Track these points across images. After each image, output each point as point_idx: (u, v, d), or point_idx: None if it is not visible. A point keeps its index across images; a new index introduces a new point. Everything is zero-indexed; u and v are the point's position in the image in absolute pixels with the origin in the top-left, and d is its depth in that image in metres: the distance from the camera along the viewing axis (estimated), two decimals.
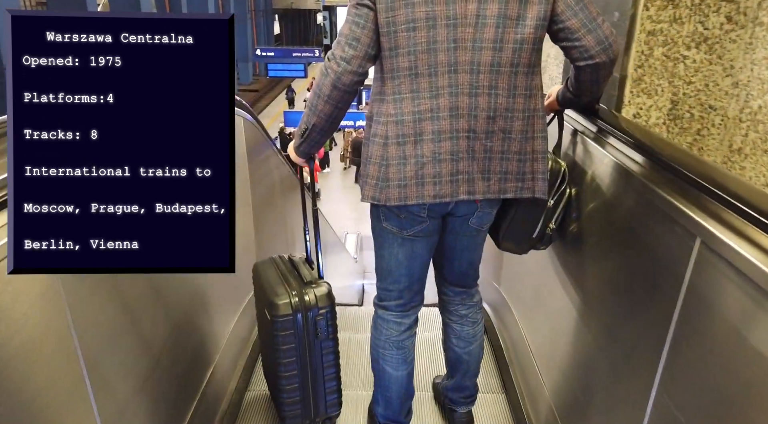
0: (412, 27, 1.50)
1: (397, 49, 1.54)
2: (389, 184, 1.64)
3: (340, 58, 1.54)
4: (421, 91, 1.57)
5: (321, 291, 2.00)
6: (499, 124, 1.60)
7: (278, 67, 19.91)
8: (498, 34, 1.52)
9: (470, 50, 1.53)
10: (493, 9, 1.49)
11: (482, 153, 1.62)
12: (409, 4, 1.48)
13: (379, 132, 1.64)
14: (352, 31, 1.53)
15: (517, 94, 1.61)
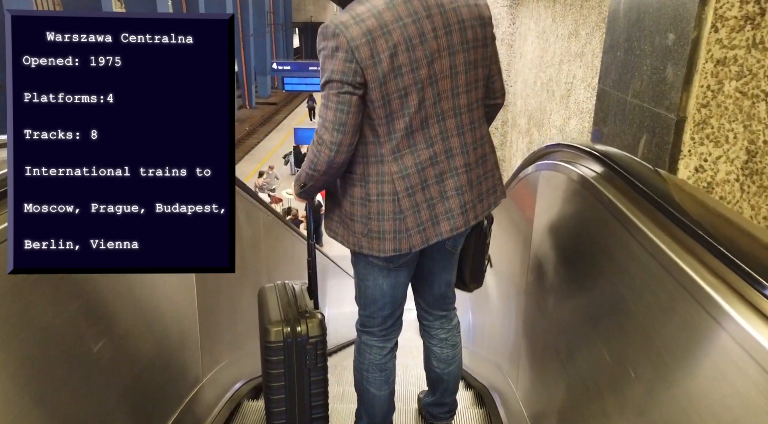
0: (404, 93, 1.66)
1: (392, 114, 1.68)
2: (410, 233, 1.79)
3: (331, 142, 1.66)
4: (417, 144, 1.74)
5: (313, 322, 2.09)
6: (479, 152, 1.85)
7: (294, 81, 20.00)
8: (467, 78, 1.76)
9: (451, 98, 1.74)
10: (461, 58, 1.72)
11: (476, 181, 1.86)
12: (398, 75, 1.63)
13: (386, 190, 1.77)
14: (338, 117, 1.64)
15: (482, 122, 1.88)
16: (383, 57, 1.60)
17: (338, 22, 1.60)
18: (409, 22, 1.62)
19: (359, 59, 1.58)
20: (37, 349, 1.27)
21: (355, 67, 1.59)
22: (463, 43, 1.71)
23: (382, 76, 1.61)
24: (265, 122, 26.54)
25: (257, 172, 15.71)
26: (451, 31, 1.68)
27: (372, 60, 1.59)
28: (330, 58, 1.60)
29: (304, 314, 2.12)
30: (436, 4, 1.67)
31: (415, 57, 1.63)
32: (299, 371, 2.10)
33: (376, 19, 1.60)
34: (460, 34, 1.69)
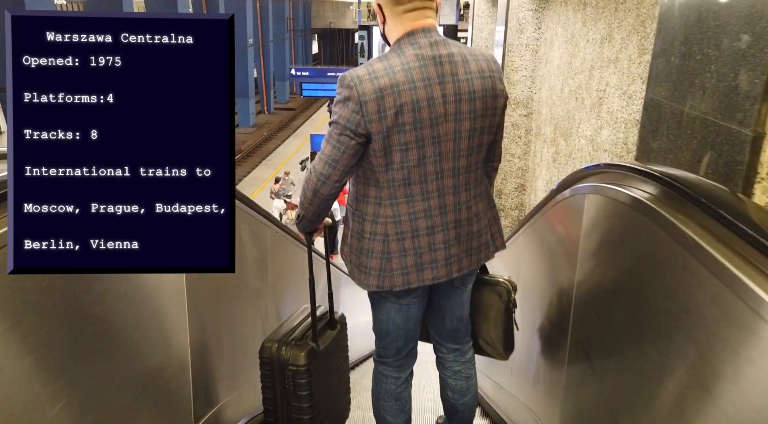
0: (404, 148, 1.78)
1: (392, 165, 1.81)
2: (393, 274, 1.92)
3: (321, 173, 1.80)
4: (414, 196, 1.86)
5: (299, 352, 2.17)
6: (473, 210, 1.95)
7: (313, 86, 20.07)
8: (470, 143, 1.85)
9: (451, 159, 1.84)
10: (466, 125, 1.81)
11: (466, 237, 1.95)
12: (402, 131, 1.75)
13: (378, 231, 1.90)
14: (333, 153, 1.77)
15: (478, 183, 1.97)
16: (389, 113, 1.72)
17: (355, 75, 1.73)
18: (420, 85, 1.73)
19: (365, 113, 1.71)
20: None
21: (360, 119, 1.72)
22: (471, 112, 1.81)
23: (385, 130, 1.73)
24: (283, 128, 26.68)
25: (273, 179, 15.75)
26: (460, 100, 1.78)
27: (378, 114, 1.72)
28: (341, 104, 1.75)
29: (297, 341, 2.22)
30: (450, 72, 1.77)
31: (420, 117, 1.74)
32: (281, 391, 2.21)
33: (389, 78, 1.72)
34: (469, 103, 1.79)
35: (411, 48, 1.76)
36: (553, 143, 4.96)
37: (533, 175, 6.00)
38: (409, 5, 1.77)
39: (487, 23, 9.39)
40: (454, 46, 1.81)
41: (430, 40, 1.78)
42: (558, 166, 4.67)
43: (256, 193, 16.86)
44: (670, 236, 1.19)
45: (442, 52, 1.77)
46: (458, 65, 1.78)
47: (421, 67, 1.74)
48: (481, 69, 1.82)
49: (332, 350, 2.37)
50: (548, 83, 5.35)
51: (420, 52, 1.75)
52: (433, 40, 1.78)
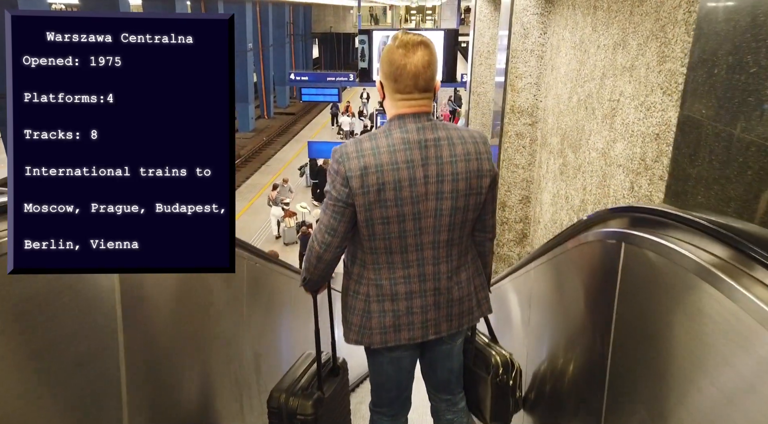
0: (386, 221, 1.90)
1: (375, 235, 1.94)
2: (372, 332, 2.05)
3: (322, 242, 1.95)
4: (395, 263, 1.99)
5: (305, 401, 2.27)
6: (454, 280, 2.05)
7: (312, 91, 20.10)
8: (452, 220, 1.96)
9: (432, 234, 1.96)
10: (448, 204, 1.92)
11: (446, 304, 2.06)
12: (384, 206, 1.87)
13: (361, 291, 2.05)
14: (330, 223, 1.92)
15: (462, 254, 2.06)
16: (372, 189, 1.86)
17: (344, 151, 1.88)
18: (403, 167, 1.86)
19: (351, 187, 1.86)
20: None
21: (347, 192, 1.87)
22: (453, 192, 1.92)
23: (367, 204, 1.87)
24: (283, 132, 26.71)
25: (271, 185, 15.72)
26: (442, 181, 1.90)
27: (361, 190, 1.86)
28: (332, 177, 1.90)
29: (303, 390, 2.31)
30: (435, 155, 1.89)
31: (401, 195, 1.88)
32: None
33: (374, 158, 1.85)
34: (451, 183, 1.91)
35: (399, 131, 1.89)
36: (561, 155, 4.83)
37: (539, 187, 5.84)
38: (406, 95, 1.89)
39: (489, 28, 9.30)
40: (444, 129, 1.92)
41: (418, 125, 1.89)
42: (566, 179, 4.52)
43: (254, 200, 16.85)
44: None
45: (428, 137, 1.89)
46: (443, 148, 1.90)
47: (406, 150, 1.87)
48: (467, 152, 1.92)
49: (336, 395, 2.47)
50: (554, 91, 5.19)
51: (407, 136, 1.88)
52: (421, 125, 1.89)
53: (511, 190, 6.40)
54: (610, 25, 3.56)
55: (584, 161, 4.02)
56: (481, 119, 9.71)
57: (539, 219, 5.66)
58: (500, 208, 6.38)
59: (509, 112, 6.04)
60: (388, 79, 1.90)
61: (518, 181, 6.35)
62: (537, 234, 5.79)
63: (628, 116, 3.05)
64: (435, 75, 1.92)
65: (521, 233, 6.42)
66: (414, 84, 1.87)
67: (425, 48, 1.87)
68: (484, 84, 9.45)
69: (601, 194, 3.50)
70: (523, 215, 6.45)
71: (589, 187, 3.83)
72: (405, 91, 1.88)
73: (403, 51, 1.85)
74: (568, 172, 4.46)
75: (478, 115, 9.86)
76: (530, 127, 6.09)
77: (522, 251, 6.37)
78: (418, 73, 1.86)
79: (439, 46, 13.64)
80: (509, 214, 6.48)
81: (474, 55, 9.65)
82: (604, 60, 3.66)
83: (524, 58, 5.92)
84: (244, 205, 16.26)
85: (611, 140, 3.42)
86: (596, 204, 3.59)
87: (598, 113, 3.71)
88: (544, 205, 5.50)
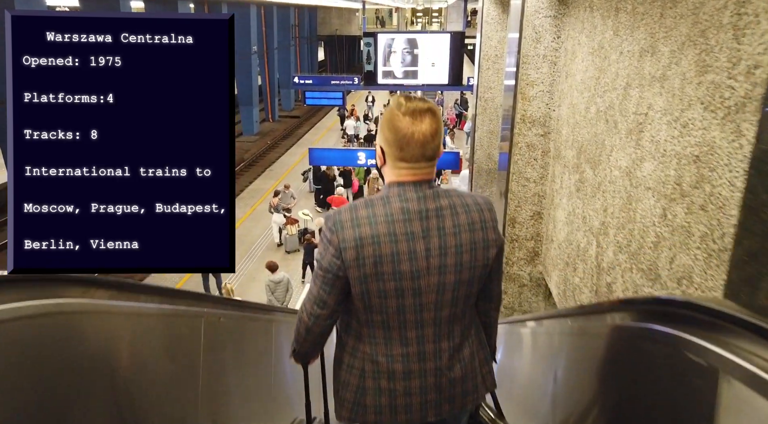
0: (383, 295, 1.79)
1: (371, 309, 1.82)
2: (366, 410, 1.93)
3: (310, 314, 1.83)
4: (393, 339, 1.87)
5: None
6: (456, 358, 1.94)
7: (316, 95, 20.12)
8: (455, 295, 1.85)
9: (433, 310, 1.85)
10: (451, 278, 1.82)
11: (447, 384, 1.95)
12: (381, 279, 1.76)
13: (356, 365, 1.92)
14: (320, 294, 1.80)
15: (465, 328, 1.96)
16: (368, 262, 1.74)
17: (338, 219, 1.76)
18: (402, 239, 1.76)
19: (345, 259, 1.74)
20: None
21: (340, 264, 1.74)
22: (457, 265, 1.83)
23: (363, 277, 1.75)
24: (288, 136, 26.76)
25: (273, 192, 15.66)
26: (446, 253, 1.80)
27: (356, 262, 1.74)
28: (324, 246, 1.78)
29: None
30: (436, 226, 1.80)
31: (400, 269, 1.77)
32: None
33: (371, 228, 1.75)
34: (455, 257, 1.82)
35: (398, 200, 1.79)
36: (577, 170, 4.51)
37: (551, 203, 5.48)
38: (413, 164, 1.79)
39: (497, 31, 9.11)
40: (446, 197, 1.83)
41: (419, 194, 1.80)
42: (583, 197, 4.22)
43: (256, 205, 16.85)
44: None
45: (429, 207, 1.80)
46: (446, 218, 1.81)
47: (405, 220, 1.78)
48: (471, 221, 1.84)
49: None
50: (569, 100, 4.86)
51: (406, 206, 1.79)
52: (422, 194, 1.80)
53: (522, 206, 6.09)
54: (636, 29, 3.26)
55: (604, 179, 3.73)
56: (488, 126, 9.58)
57: (552, 237, 5.36)
58: (510, 224, 6.06)
59: (519, 122, 5.73)
60: (392, 146, 1.79)
61: (529, 196, 6.03)
62: (550, 253, 5.44)
63: (659, 133, 2.72)
64: (441, 142, 1.84)
65: (532, 251, 6.13)
66: (421, 153, 1.78)
67: (432, 116, 1.79)
68: (492, 89, 9.31)
69: (626, 219, 3.21)
70: (534, 231, 6.13)
71: (610, 208, 3.54)
72: (411, 160, 1.79)
73: (410, 119, 1.76)
74: (585, 190, 4.16)
75: (485, 121, 9.70)
76: (542, 138, 5.78)
77: (533, 270, 6.06)
78: (426, 142, 1.77)
79: (445, 49, 13.64)
80: (519, 231, 6.16)
81: (481, 59, 9.47)
82: (628, 68, 3.35)
83: (536, 64, 5.62)
84: (246, 211, 16.25)
85: (637, 158, 3.09)
86: (620, 229, 3.29)
87: (621, 127, 3.41)
88: (558, 223, 5.23)
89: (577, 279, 4.19)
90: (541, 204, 5.96)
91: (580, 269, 4.13)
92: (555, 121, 5.45)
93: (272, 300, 8.74)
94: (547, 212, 5.76)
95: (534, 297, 6.19)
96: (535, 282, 6.06)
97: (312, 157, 16.21)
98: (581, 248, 4.11)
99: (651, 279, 2.64)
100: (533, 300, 6.19)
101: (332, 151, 15.43)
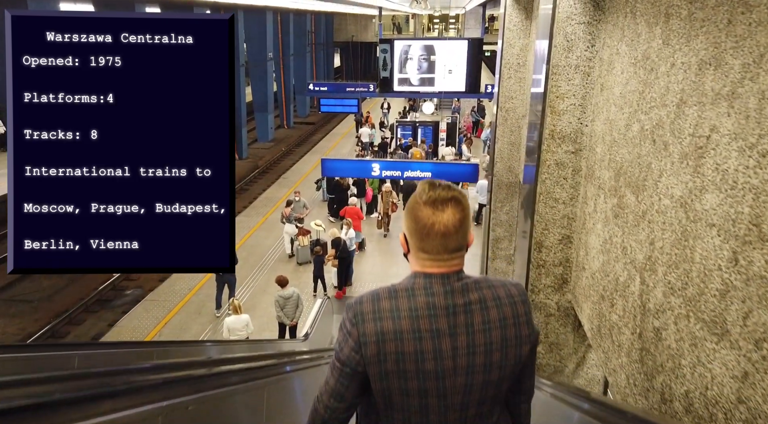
0: (405, 393, 1.70)
1: (392, 406, 1.73)
2: None
3: (327, 406, 1.75)
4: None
5: None
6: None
7: (331, 102, 20.18)
8: (482, 395, 1.76)
9: (459, 411, 1.76)
10: (479, 378, 1.72)
11: None
12: (403, 377, 1.67)
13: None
14: (336, 388, 1.72)
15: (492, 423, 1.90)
16: (389, 358, 1.66)
17: (359, 310, 1.67)
18: (427, 336, 1.66)
19: (364, 354, 1.65)
20: None
21: (359, 359, 1.66)
22: (486, 365, 1.72)
23: (384, 373, 1.67)
24: (302, 142, 26.85)
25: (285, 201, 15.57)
26: (474, 353, 1.70)
27: (377, 358, 1.65)
28: (343, 336, 1.69)
29: None
30: (465, 323, 1.69)
31: (424, 368, 1.68)
32: None
33: (393, 322, 1.66)
34: (484, 356, 1.71)
35: (424, 294, 1.70)
36: (614, 193, 4.14)
37: (583, 227, 5.12)
38: (435, 256, 1.71)
39: (519, 38, 8.73)
40: (476, 290, 1.73)
41: (446, 288, 1.71)
42: (623, 225, 3.84)
43: (269, 214, 16.84)
44: None
45: (458, 302, 1.70)
46: (475, 314, 1.70)
47: (431, 316, 1.68)
48: (503, 316, 1.72)
49: None
50: (605, 115, 4.52)
51: (432, 301, 1.69)
52: (450, 288, 1.71)
53: (549, 229, 5.68)
54: (693, 37, 2.87)
55: (650, 208, 3.33)
56: (509, 137, 9.31)
57: (584, 265, 4.89)
58: (536, 249, 5.58)
59: (548, 138, 5.37)
60: (413, 236, 1.71)
61: (557, 218, 5.61)
62: (581, 282, 4.94)
63: (727, 161, 2.31)
64: (468, 233, 1.72)
65: (560, 278, 5.73)
66: (443, 246, 1.69)
67: (456, 205, 1.67)
68: (513, 99, 9.03)
69: (681, 257, 2.79)
70: (563, 257, 5.72)
71: (659, 242, 3.13)
72: (433, 251, 1.70)
73: (431, 209, 1.66)
74: (625, 217, 3.60)
75: (506, 132, 9.40)
76: (573, 155, 5.34)
77: (561, 298, 5.60)
78: (448, 233, 1.67)
79: (463, 56, 13.58)
80: (547, 256, 5.77)
81: (502, 67, 9.22)
82: (682, 82, 2.93)
83: (567, 75, 5.18)
84: (258, 220, 16.25)
85: (697, 188, 2.70)
86: (672, 267, 2.88)
87: (674, 150, 3.00)
88: (591, 250, 4.84)
89: (615, 316, 3.83)
90: (570, 227, 5.60)
91: (619, 306, 3.77)
92: (588, 138, 5.12)
93: (281, 316, 8.72)
94: (578, 236, 5.43)
95: (562, 328, 5.78)
96: (563, 312, 5.67)
97: (324, 167, 16.03)
98: (620, 282, 3.69)
99: (716, 334, 2.31)
100: (561, 331, 5.78)
101: (345, 162, 15.26)
